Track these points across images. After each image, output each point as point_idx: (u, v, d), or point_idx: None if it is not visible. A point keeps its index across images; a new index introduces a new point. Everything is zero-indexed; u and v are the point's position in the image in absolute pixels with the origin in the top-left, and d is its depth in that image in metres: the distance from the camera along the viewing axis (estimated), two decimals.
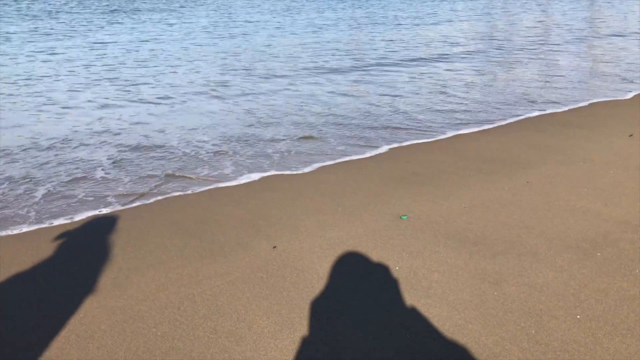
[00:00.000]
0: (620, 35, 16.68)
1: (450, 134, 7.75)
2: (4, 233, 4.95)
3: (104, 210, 5.42)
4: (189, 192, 5.87)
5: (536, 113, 8.73)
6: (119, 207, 5.49)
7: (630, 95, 9.67)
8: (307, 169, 6.47)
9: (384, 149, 7.15)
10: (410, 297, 3.69)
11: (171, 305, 3.68)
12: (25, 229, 5.04)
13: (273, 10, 25.19)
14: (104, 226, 5.02)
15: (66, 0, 29.75)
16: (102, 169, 6.56)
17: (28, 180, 6.23)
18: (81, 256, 4.44)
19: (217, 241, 4.61)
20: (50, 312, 3.64)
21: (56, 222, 5.17)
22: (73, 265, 4.28)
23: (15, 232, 4.98)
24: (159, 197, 5.73)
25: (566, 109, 8.96)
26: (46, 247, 4.59)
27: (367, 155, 6.94)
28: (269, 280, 3.96)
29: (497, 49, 14.91)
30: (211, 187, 5.99)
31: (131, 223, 5.04)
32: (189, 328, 3.44)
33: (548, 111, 8.84)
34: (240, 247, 4.48)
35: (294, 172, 6.37)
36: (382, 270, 4.07)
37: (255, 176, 6.28)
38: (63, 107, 9.20)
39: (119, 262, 4.30)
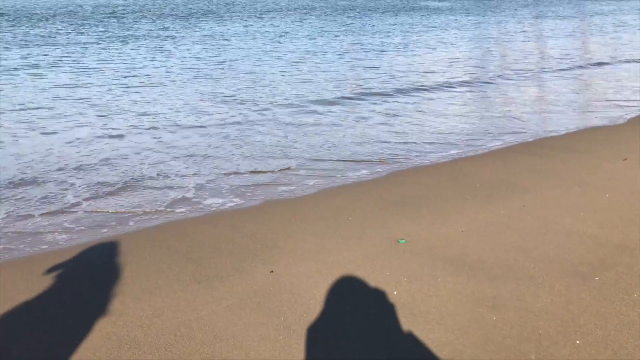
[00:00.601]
0: (610, 63, 16.96)
1: (446, 158, 7.79)
2: None
3: (99, 236, 5.38)
4: (185, 216, 5.85)
5: (531, 138, 8.79)
6: (113, 233, 5.46)
7: (622, 121, 9.77)
8: (304, 193, 6.47)
9: (382, 172, 7.17)
10: (409, 322, 3.67)
11: (167, 331, 3.64)
12: (18, 255, 5.00)
13: (268, 33, 25.52)
14: (98, 251, 4.98)
15: (63, 26, 30.02)
16: (95, 196, 6.53)
17: (21, 206, 6.20)
18: (75, 282, 4.40)
19: (213, 266, 4.58)
20: (45, 338, 3.59)
21: (51, 248, 5.13)
22: (67, 291, 4.24)
23: (7, 258, 4.94)
24: (155, 222, 5.70)
25: (560, 133, 9.04)
26: (40, 273, 4.55)
27: (365, 179, 6.95)
28: (266, 306, 3.92)
29: (489, 75, 15.09)
30: (207, 211, 5.98)
31: (127, 248, 5.01)
32: (185, 354, 3.40)
33: (542, 136, 8.91)
34: (237, 272, 4.45)
35: (291, 196, 6.37)
36: (380, 295, 4.04)
37: (252, 201, 6.27)
38: (45, 134, 9.03)
39: (115, 287, 4.26)
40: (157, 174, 7.19)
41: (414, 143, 8.55)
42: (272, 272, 4.42)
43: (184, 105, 11.12)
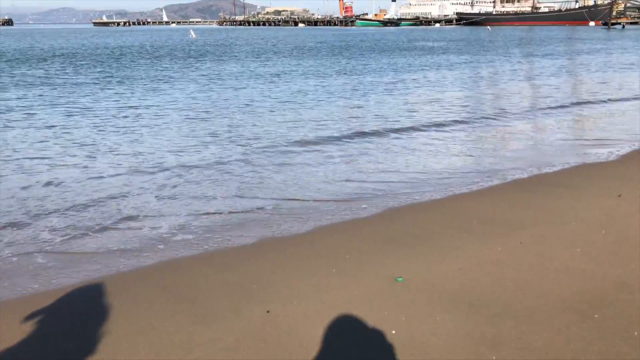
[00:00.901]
0: (599, 102, 17.25)
1: (442, 195, 7.81)
2: None
3: (94, 275, 5.32)
4: (179, 255, 5.80)
5: (526, 175, 8.84)
6: (105, 272, 5.40)
7: (614, 157, 9.86)
8: (300, 231, 6.44)
9: (378, 210, 7.17)
10: None
11: None
12: (9, 296, 4.92)
13: (264, 73, 25.86)
14: (93, 291, 4.91)
15: (61, 67, 30.38)
16: (84, 235, 6.48)
17: (11, 244, 6.14)
18: (66, 324, 4.32)
19: (209, 306, 4.52)
20: None
21: (43, 289, 5.06)
22: (57, 334, 4.16)
23: None
24: (149, 261, 5.65)
25: (554, 170, 9.10)
26: (34, 314, 4.47)
27: (362, 216, 6.94)
28: (263, 347, 3.86)
29: (480, 114, 15.27)
30: (201, 250, 5.93)
31: (122, 288, 4.95)
32: None
33: (537, 173, 8.97)
34: (233, 313, 4.39)
35: (288, 234, 6.34)
36: (378, 335, 3.99)
37: (246, 239, 6.23)
38: (31, 174, 9.00)
39: (109, 327, 4.19)
40: (146, 214, 7.13)
41: (407, 180, 8.58)
42: (268, 312, 4.37)
43: (170, 145, 11.09)
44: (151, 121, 13.95)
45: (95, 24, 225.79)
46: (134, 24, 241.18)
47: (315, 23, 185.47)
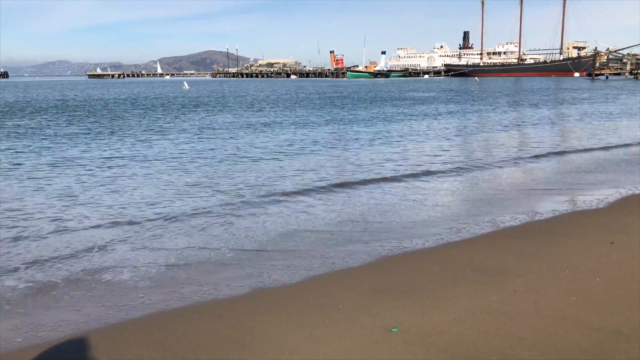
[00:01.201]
0: (585, 150, 17.55)
1: (435, 243, 7.78)
2: None
3: (81, 328, 5.19)
4: (169, 307, 5.68)
5: (517, 222, 8.86)
6: (96, 325, 5.27)
7: (604, 204, 9.91)
8: (293, 280, 6.36)
9: (372, 259, 7.11)
10: None
11: None
12: None
13: (255, 123, 26.17)
14: (81, 345, 4.78)
15: (54, 118, 30.55)
16: (74, 288, 6.36)
17: None
18: None
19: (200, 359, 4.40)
20: None
21: (28, 343, 4.92)
22: None
23: None
24: (138, 314, 5.53)
25: (546, 217, 9.13)
26: None
27: (355, 265, 6.88)
28: None
29: (470, 163, 15.43)
30: (192, 301, 5.82)
31: (111, 342, 4.82)
32: None
33: (528, 220, 8.99)
34: None
35: (279, 284, 6.25)
36: None
37: (237, 289, 6.13)
38: (8, 228, 8.81)
39: None
40: (131, 265, 7.00)
41: (397, 229, 8.56)
42: None
43: (155, 196, 11.01)
44: (136, 171, 13.87)
45: (90, 76, 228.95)
46: (128, 75, 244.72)
47: (307, 75, 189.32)
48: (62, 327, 5.22)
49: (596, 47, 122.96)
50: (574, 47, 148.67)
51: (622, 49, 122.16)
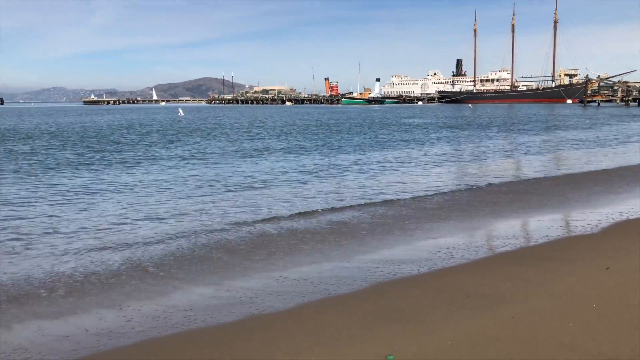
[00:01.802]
0: (577, 173, 17.68)
1: (430, 269, 7.72)
2: None
3: (72, 356, 5.09)
4: (162, 334, 5.59)
5: (512, 247, 8.82)
6: (86, 353, 5.17)
7: (597, 229, 9.89)
8: (287, 307, 6.28)
9: (365, 284, 7.05)
10: None
11: None
12: None
13: (247, 148, 26.27)
14: None
15: (43, 146, 30.32)
16: (55, 315, 6.28)
17: None
18: None
19: None
20: None
21: None
22: None
23: None
24: (131, 341, 5.43)
25: (541, 242, 9.10)
26: None
27: (350, 291, 6.81)
28: None
29: (467, 188, 15.47)
30: (185, 328, 5.73)
31: None
32: None
33: (524, 245, 8.96)
34: None
35: (273, 311, 6.17)
36: None
37: (230, 316, 6.04)
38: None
39: None
40: (124, 294, 6.92)
41: (390, 255, 8.51)
42: None
43: (147, 220, 10.96)
44: (120, 198, 13.64)
45: (85, 102, 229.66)
46: (123, 102, 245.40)
47: (302, 101, 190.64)
48: (50, 356, 5.11)
49: (587, 75, 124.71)
50: (566, 75, 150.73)
51: (613, 76, 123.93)
